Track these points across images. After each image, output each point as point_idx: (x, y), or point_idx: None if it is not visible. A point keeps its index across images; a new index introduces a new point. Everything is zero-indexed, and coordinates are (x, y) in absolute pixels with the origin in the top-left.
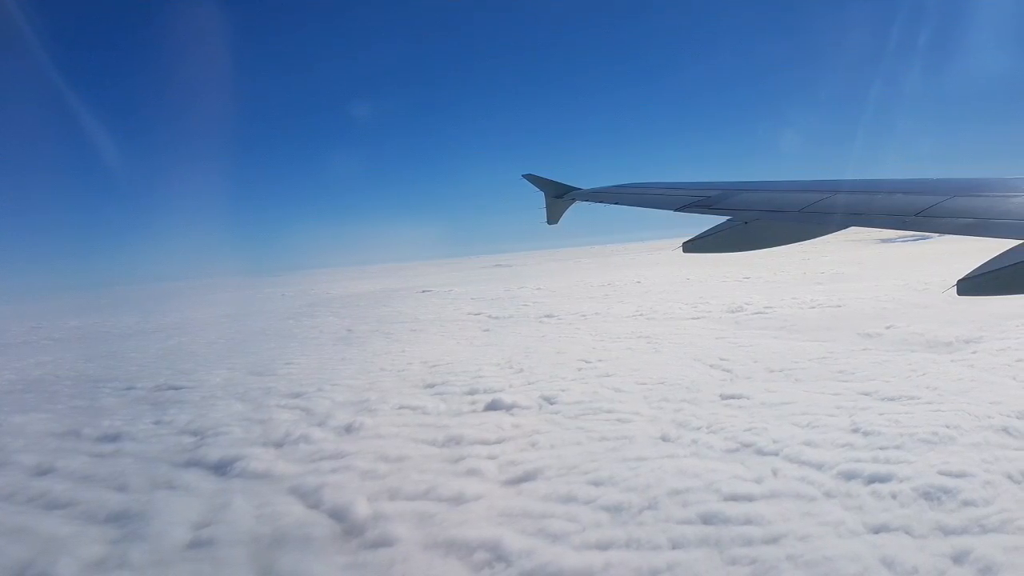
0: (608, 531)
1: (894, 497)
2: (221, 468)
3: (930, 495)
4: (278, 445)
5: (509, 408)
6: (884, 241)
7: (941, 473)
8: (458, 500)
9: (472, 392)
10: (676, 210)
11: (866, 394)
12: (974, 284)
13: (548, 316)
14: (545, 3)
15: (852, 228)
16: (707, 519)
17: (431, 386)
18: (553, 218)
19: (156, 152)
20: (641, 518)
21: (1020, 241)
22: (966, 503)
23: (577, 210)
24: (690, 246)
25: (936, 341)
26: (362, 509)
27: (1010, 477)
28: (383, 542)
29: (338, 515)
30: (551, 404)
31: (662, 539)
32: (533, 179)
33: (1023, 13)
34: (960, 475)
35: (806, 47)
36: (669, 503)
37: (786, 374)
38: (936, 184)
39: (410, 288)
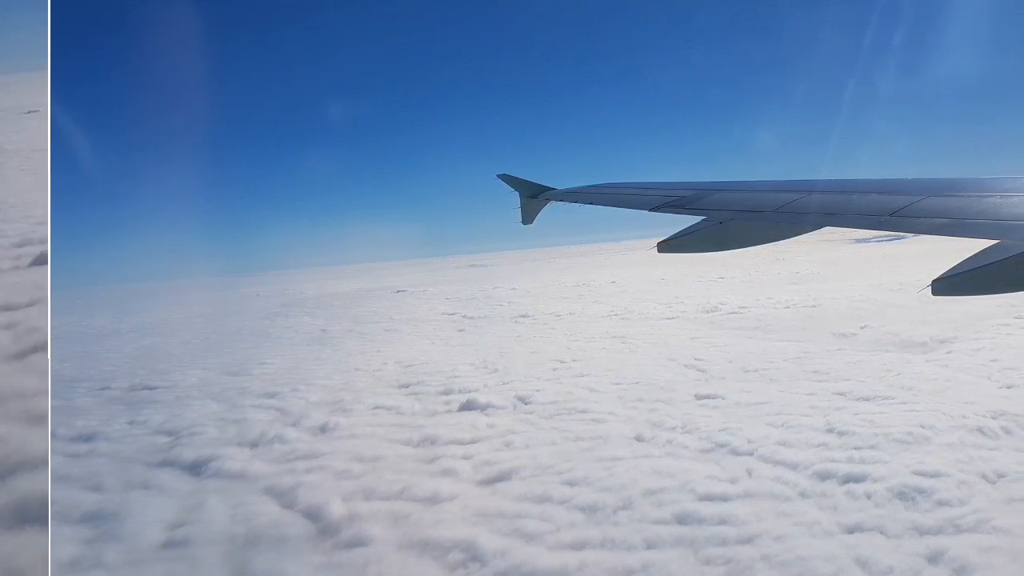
0: (583, 531)
1: (869, 497)
2: (196, 468)
3: (905, 495)
4: (253, 445)
5: (484, 408)
6: (859, 241)
7: (916, 473)
8: (433, 500)
9: (447, 392)
10: (651, 210)
11: (841, 394)
12: (949, 284)
13: (523, 316)
14: (521, 2)
15: (827, 228)
16: (682, 519)
17: (406, 386)
18: (528, 218)
19: (130, 151)
20: (616, 518)
21: (994, 241)
22: (941, 503)
23: (552, 210)
24: (665, 246)
25: (911, 341)
26: (337, 509)
27: (984, 477)
28: (358, 542)
29: (313, 515)
30: (526, 404)
31: (637, 539)
32: (508, 179)
33: (997, 14)
34: (935, 475)
35: (782, 47)
36: (644, 503)
37: (761, 374)
38: (911, 184)
39: (385, 288)
